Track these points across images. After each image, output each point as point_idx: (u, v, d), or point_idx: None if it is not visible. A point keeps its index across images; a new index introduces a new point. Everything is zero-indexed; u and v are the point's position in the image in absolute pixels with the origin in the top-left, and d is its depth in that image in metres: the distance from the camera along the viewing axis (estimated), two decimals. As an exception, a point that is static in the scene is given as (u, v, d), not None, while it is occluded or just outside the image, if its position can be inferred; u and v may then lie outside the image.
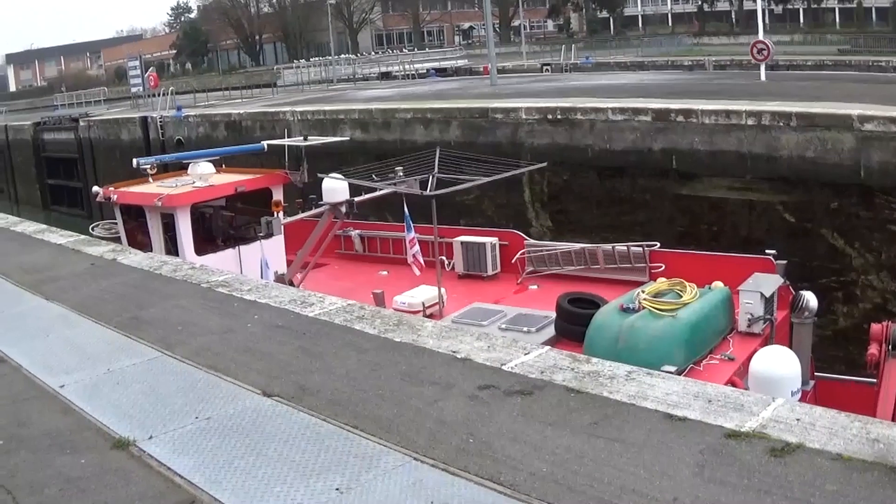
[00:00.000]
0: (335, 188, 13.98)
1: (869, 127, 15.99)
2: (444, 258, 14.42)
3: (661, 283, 11.15)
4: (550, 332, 11.36)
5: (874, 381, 10.75)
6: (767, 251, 12.26)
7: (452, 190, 13.35)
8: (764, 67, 28.95)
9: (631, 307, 10.43)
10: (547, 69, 53.33)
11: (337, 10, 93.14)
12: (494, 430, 5.52)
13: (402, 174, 14.41)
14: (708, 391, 5.82)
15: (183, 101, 41.03)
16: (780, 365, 9.13)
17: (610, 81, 33.68)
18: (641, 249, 13.27)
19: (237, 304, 9.05)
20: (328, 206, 14.09)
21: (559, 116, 21.11)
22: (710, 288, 11.13)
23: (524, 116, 21.85)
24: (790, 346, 10.74)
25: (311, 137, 16.52)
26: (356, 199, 14.24)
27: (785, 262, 12.10)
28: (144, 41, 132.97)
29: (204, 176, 14.94)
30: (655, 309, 10.28)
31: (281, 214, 14.27)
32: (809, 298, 11.48)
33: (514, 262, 14.37)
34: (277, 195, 14.85)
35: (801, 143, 16.85)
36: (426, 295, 12.73)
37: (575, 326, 10.93)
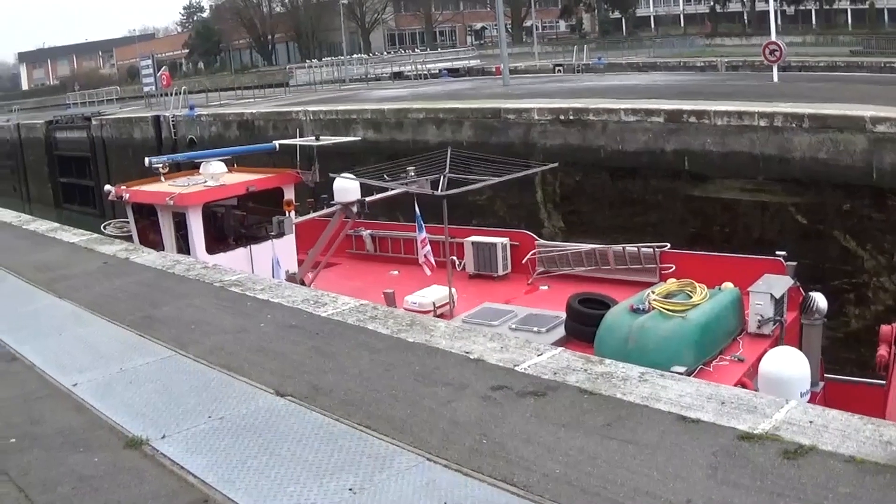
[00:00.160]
0: (346, 188, 14.00)
1: (881, 128, 15.93)
2: (454, 258, 14.42)
3: (671, 283, 11.12)
4: (561, 332, 11.35)
5: (884, 382, 10.71)
6: (777, 252, 12.23)
7: (464, 190, 13.37)
8: (776, 69, 28.87)
9: (641, 308, 10.41)
10: (559, 70, 53.22)
11: (349, 9, 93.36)
12: (508, 430, 5.52)
13: (413, 174, 14.43)
14: (721, 393, 5.82)
15: (195, 100, 41.14)
16: (789, 366, 9.12)
17: (622, 82, 33.63)
18: (652, 250, 13.26)
19: (250, 303, 9.08)
20: (339, 205, 14.11)
21: (571, 117, 21.08)
22: (720, 289, 11.11)
23: (536, 117, 21.83)
24: (800, 347, 10.71)
25: (322, 137, 16.53)
26: (367, 198, 14.26)
27: (795, 263, 12.07)
28: (157, 40, 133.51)
29: (216, 175, 14.96)
30: (665, 310, 10.26)
31: (292, 214, 14.30)
32: (819, 300, 11.45)
33: (524, 262, 14.36)
34: (289, 195, 14.86)
35: (813, 144, 16.80)
36: (437, 295, 12.73)
37: (585, 327, 10.92)
